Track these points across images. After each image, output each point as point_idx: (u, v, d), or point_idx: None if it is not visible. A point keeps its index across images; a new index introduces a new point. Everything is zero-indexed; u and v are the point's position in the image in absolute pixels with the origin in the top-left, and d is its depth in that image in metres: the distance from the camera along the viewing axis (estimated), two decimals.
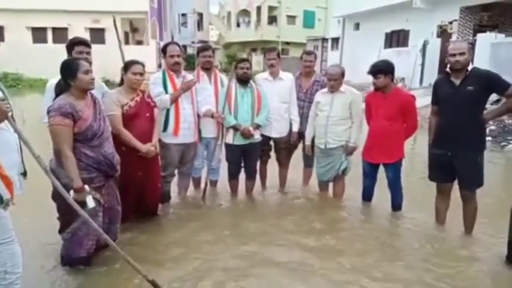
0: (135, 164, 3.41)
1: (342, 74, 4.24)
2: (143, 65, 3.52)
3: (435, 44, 15.66)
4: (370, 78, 3.97)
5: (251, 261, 3.08)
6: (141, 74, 3.47)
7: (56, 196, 2.75)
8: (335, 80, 4.18)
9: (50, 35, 23.62)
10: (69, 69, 2.73)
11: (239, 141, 4.33)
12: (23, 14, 21.77)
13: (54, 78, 2.95)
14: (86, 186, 2.70)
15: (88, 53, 3.36)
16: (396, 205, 4.13)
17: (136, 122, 3.45)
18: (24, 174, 2.31)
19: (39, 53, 20.49)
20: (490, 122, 8.20)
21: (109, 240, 2.57)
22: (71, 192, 2.57)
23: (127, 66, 3.48)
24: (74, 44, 3.34)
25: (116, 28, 5.00)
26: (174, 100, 3.96)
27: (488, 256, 3.27)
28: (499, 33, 12.86)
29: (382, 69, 3.87)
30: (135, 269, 2.49)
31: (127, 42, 23.78)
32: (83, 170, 2.73)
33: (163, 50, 4.09)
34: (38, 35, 23.36)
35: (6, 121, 2.03)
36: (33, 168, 2.31)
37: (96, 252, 2.98)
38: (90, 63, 3.33)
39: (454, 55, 3.33)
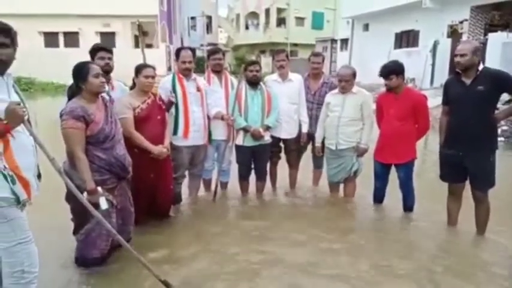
0: (147, 165, 3.45)
1: (353, 75, 4.24)
2: (154, 68, 3.58)
3: (446, 44, 15.50)
4: (380, 78, 3.96)
5: (263, 262, 3.09)
6: (153, 77, 3.52)
7: (70, 198, 2.80)
8: (346, 81, 4.17)
9: (61, 39, 23.97)
10: (80, 73, 2.77)
11: (249, 142, 4.36)
12: (35, 19, 22.05)
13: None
14: (99, 188, 2.74)
15: (110, 59, 3.56)
16: (408, 206, 4.11)
17: (148, 125, 3.49)
18: (39, 176, 2.36)
19: (51, 57, 20.75)
20: (502, 122, 8.12)
21: (122, 240, 2.60)
22: (84, 194, 2.62)
23: (138, 69, 3.53)
24: (95, 49, 3.57)
25: (140, 33, 5.07)
26: None
27: (500, 258, 3.24)
28: (511, 32, 12.70)
29: (394, 70, 3.86)
30: (148, 269, 2.53)
31: (137, 46, 23.96)
32: (96, 172, 2.77)
33: (177, 54, 4.14)
34: (50, 39, 23.71)
35: (22, 124, 2.08)
36: (47, 170, 2.36)
37: (110, 253, 3.02)
38: (111, 68, 3.47)
39: (456, 56, 3.36)
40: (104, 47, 3.64)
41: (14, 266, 2.17)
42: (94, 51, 3.57)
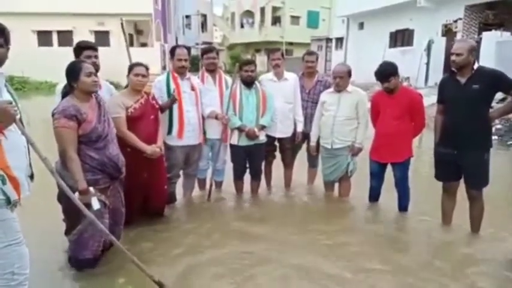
0: (141, 165, 3.42)
1: (348, 73, 4.22)
2: (147, 68, 3.53)
3: (440, 43, 15.56)
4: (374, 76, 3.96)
5: (257, 262, 3.08)
6: (144, 76, 3.47)
7: (62, 198, 2.77)
8: (341, 78, 4.16)
9: (55, 38, 23.84)
10: (72, 72, 2.75)
11: (244, 142, 4.34)
12: (29, 17, 21.92)
13: (62, 82, 2.96)
14: (91, 188, 2.71)
15: (96, 57, 3.43)
16: (403, 205, 4.10)
17: (141, 124, 3.46)
18: (31, 176, 2.33)
19: (44, 56, 20.62)
20: (496, 121, 8.17)
21: (116, 241, 2.58)
22: (76, 194, 2.59)
23: (130, 68, 3.50)
24: (81, 48, 3.40)
25: (123, 31, 5.03)
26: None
27: (494, 257, 3.24)
28: (505, 31, 12.77)
29: (392, 72, 3.86)
30: (141, 270, 2.50)
31: (131, 45, 23.84)
32: (88, 172, 2.74)
33: (172, 52, 4.11)
34: (44, 38, 23.60)
35: (14, 124, 2.05)
36: (38, 170, 2.33)
37: (102, 254, 2.99)
38: (98, 66, 3.37)
39: (452, 54, 3.36)
40: (90, 45, 3.48)
41: (4, 268, 2.14)
42: (79, 49, 3.39)
